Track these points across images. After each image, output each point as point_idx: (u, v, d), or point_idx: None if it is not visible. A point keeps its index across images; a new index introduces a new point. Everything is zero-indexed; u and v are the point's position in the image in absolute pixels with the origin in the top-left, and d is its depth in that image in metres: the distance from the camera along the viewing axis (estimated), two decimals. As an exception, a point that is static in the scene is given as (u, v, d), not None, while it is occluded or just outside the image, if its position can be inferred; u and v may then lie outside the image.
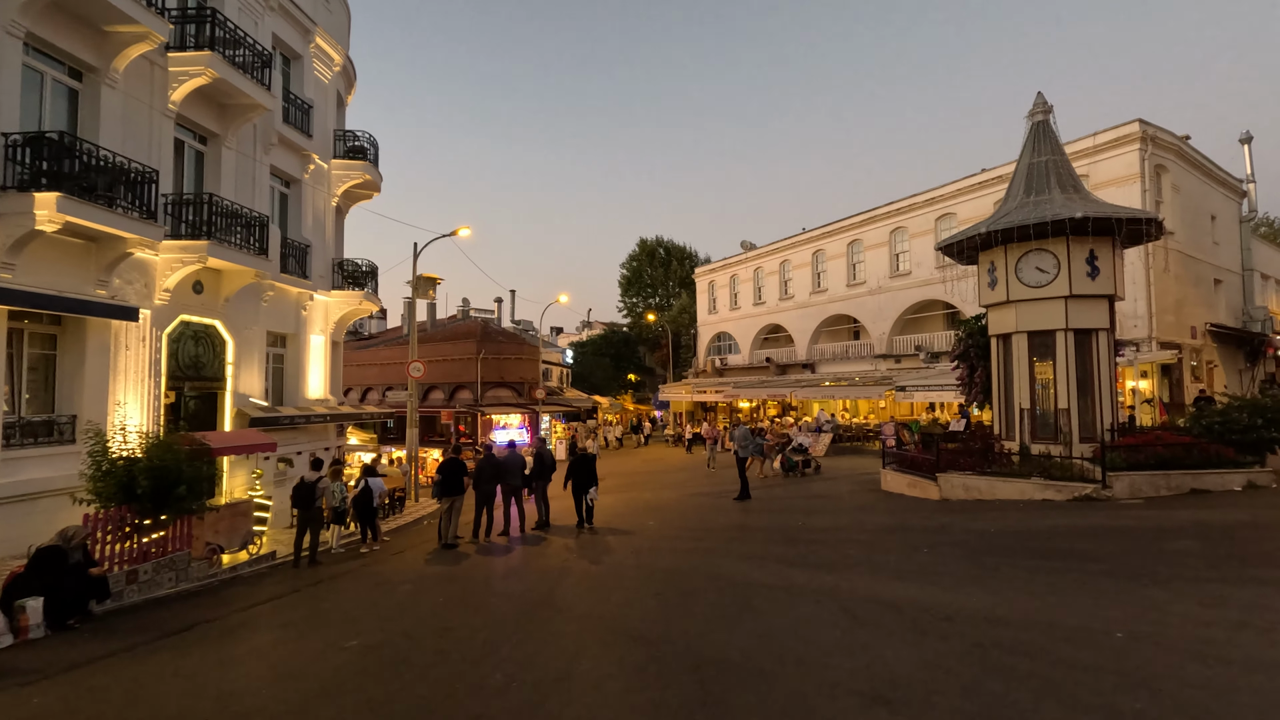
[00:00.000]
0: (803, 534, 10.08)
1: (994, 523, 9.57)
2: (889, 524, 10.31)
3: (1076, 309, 12.55)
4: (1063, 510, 9.99)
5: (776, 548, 9.14)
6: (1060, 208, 12.43)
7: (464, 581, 8.75)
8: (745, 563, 8.34)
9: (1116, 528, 8.47)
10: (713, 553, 9.17)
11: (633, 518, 13.86)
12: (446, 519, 12.09)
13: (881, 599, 6.17)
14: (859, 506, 12.51)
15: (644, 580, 7.84)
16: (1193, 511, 9.01)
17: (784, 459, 19.41)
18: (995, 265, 13.54)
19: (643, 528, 12.26)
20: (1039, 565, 6.99)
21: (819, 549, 8.79)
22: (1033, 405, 12.90)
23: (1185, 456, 10.65)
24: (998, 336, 13.77)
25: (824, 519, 11.35)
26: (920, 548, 8.37)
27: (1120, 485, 10.49)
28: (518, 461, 13.16)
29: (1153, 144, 21.15)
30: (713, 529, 11.31)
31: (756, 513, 12.74)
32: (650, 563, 8.82)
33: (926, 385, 23.15)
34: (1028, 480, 11.46)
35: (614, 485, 21.04)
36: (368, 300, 18.07)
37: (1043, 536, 8.39)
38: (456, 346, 37.18)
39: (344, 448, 19.51)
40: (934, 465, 12.73)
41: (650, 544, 10.33)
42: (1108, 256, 12.68)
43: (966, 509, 11.03)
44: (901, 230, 29.38)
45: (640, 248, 62.90)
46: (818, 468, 19.65)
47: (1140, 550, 7.28)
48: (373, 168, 18.43)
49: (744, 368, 38.83)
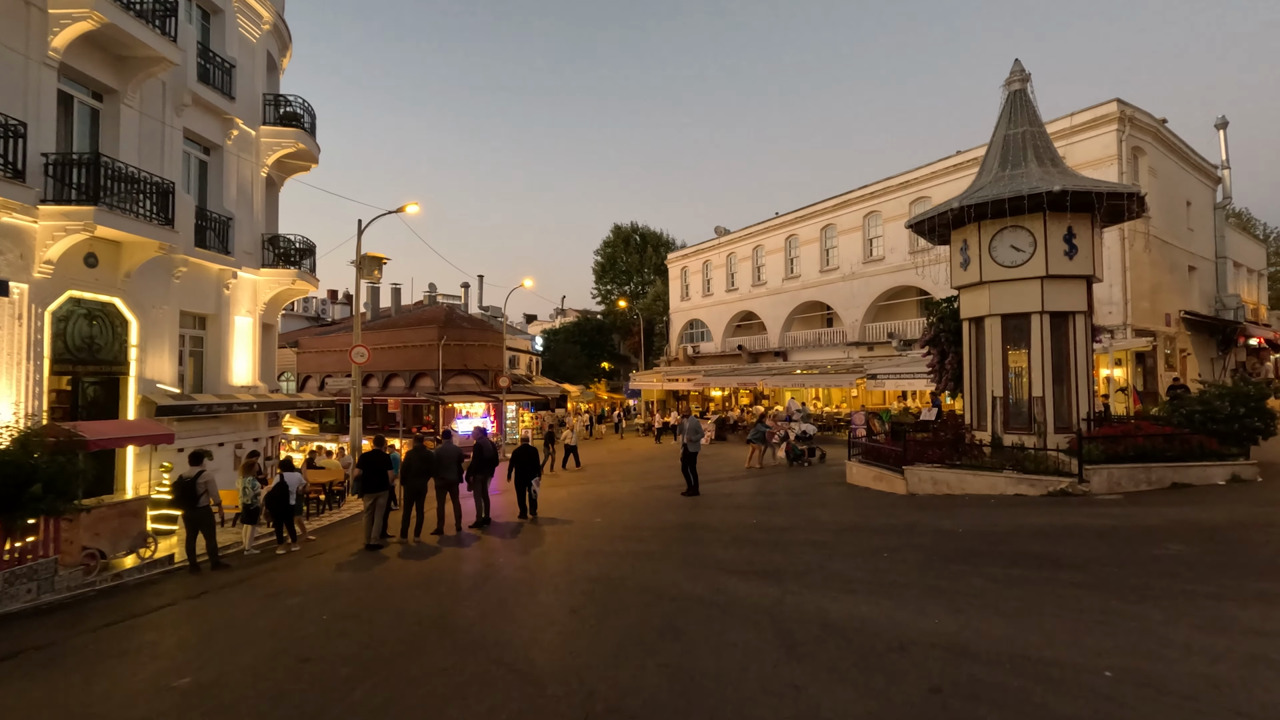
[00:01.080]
0: (755, 534, 9.14)
1: (963, 521, 8.70)
2: (850, 522, 9.41)
3: (1053, 290, 11.73)
4: (1037, 507, 9.17)
5: (723, 550, 8.17)
6: (1038, 181, 11.56)
7: (364, 593, 7.65)
8: (684, 570, 7.36)
9: (1097, 528, 7.64)
10: (652, 557, 8.18)
11: (581, 513, 12.87)
12: (369, 517, 10.96)
13: (829, 619, 5.21)
14: (820, 502, 11.62)
15: (566, 592, 6.81)
16: (1178, 509, 8.22)
17: (789, 448, 18.47)
18: (968, 244, 12.67)
19: (588, 525, 11.26)
20: (1012, 575, 6.10)
21: (769, 552, 7.84)
22: (1006, 393, 12.09)
23: (1166, 448, 9.89)
24: (970, 320, 12.93)
25: (781, 516, 10.42)
26: (880, 551, 7.46)
27: (1098, 479, 9.70)
28: (453, 454, 12.04)
29: (1131, 125, 20.48)
30: (661, 527, 10.33)
31: (711, 509, 11.79)
32: (581, 569, 7.80)
33: (898, 373, 22.41)
34: (1000, 474, 10.64)
35: (573, 477, 20.03)
36: (302, 280, 16.71)
37: (1016, 538, 7.52)
38: (418, 332, 35.74)
39: (280, 438, 18.20)
40: (901, 457, 11.87)
41: (589, 545, 9.32)
42: (1086, 235, 11.87)
43: (934, 505, 10.19)
44: (875, 215, 28.59)
45: (615, 234, 61.56)
46: (823, 456, 18.73)
47: (1125, 556, 6.42)
48: (307, 136, 17.01)
49: (716, 355, 37.96)
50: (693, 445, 13.84)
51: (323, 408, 22.65)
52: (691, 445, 13.83)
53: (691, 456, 13.78)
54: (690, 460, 13.77)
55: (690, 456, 13.78)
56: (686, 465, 13.71)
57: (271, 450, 17.07)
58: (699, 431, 14.09)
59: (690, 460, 13.77)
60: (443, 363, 34.51)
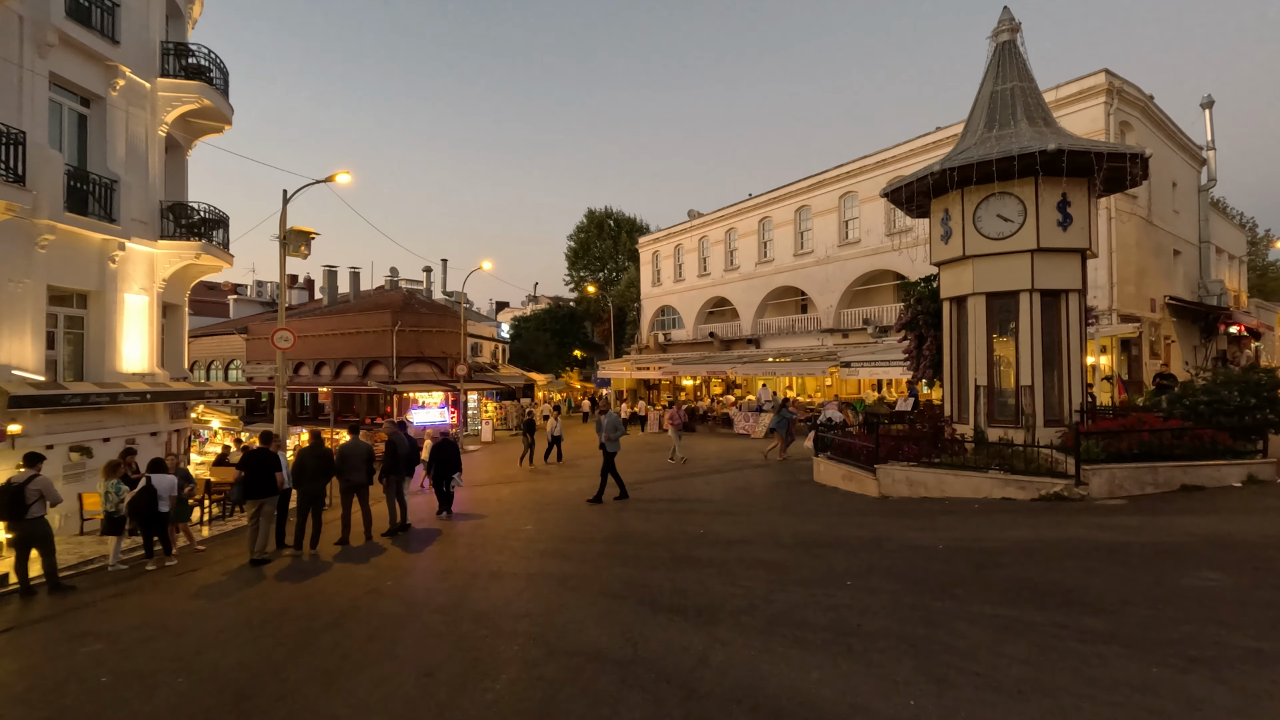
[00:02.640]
0: (698, 549, 7.65)
1: (944, 533, 7.29)
2: (812, 534, 7.96)
3: (1045, 265, 10.37)
4: (1029, 515, 7.80)
5: (654, 573, 6.66)
6: (1030, 141, 10.16)
7: (192, 636, 6.01)
8: (598, 604, 5.84)
9: (1105, 545, 6.25)
10: (566, 583, 6.64)
11: (515, 517, 11.32)
12: (253, 528, 9.29)
13: (762, 697, 3.73)
14: (781, 506, 10.18)
15: (436, 640, 5.26)
16: (1198, 520, 6.89)
17: (817, 437, 16.80)
18: (950, 214, 11.26)
19: (513, 534, 9.71)
20: (1009, 618, 4.67)
21: (709, 577, 6.35)
22: (990, 382, 10.74)
23: (1175, 444, 8.57)
24: (951, 300, 11.55)
25: (735, 525, 8.95)
26: (844, 577, 6.00)
27: (1098, 481, 8.37)
28: (361, 451, 10.37)
29: (1119, 98, 19.26)
30: (594, 539, 8.80)
31: (659, 514, 10.29)
32: (473, 601, 6.25)
33: (873, 361, 21.11)
34: (984, 474, 9.28)
35: (521, 473, 18.45)
36: (211, 254, 14.80)
37: (1009, 559, 6.11)
38: (371, 318, 33.72)
39: (190, 431, 16.32)
40: (873, 454, 10.46)
41: (501, 563, 7.77)
42: (1082, 203, 10.51)
43: (910, 511, 8.79)
44: (851, 195, 27.21)
45: (588, 219, 59.67)
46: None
47: (1150, 589, 5.02)
48: (215, 92, 15.03)
49: (688, 343, 36.50)
50: (611, 445, 11.75)
51: (232, 396, 20.66)
52: (610, 445, 11.75)
53: (610, 458, 11.73)
54: (609, 463, 11.72)
55: (609, 458, 11.74)
56: (606, 468, 11.69)
57: (177, 446, 15.22)
58: (619, 429, 12.00)
59: (609, 463, 11.72)
60: (397, 350, 32.58)
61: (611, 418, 11.94)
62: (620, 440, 11.97)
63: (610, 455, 11.74)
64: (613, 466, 11.73)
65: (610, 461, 11.73)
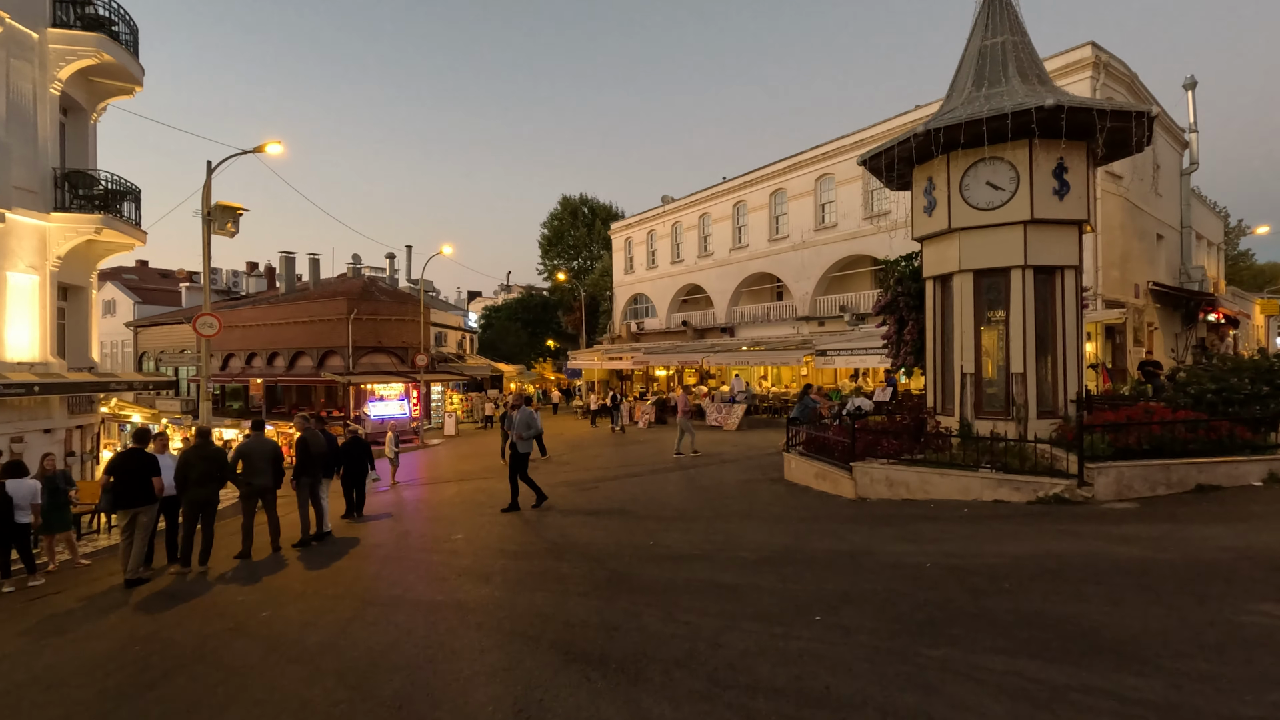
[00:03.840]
0: (643, 566, 6.43)
1: (930, 547, 6.17)
2: (777, 547, 6.78)
3: (1039, 239, 9.29)
4: (1028, 523, 6.71)
5: (583, 603, 5.43)
6: (1023, 99, 9.04)
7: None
8: (501, 649, 4.60)
9: (1126, 563, 5.16)
10: (473, 615, 5.38)
11: (447, 524, 10.05)
12: (126, 542, 7.88)
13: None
14: (746, 510, 9.01)
15: (275, 709, 3.98)
16: (1225, 528, 5.84)
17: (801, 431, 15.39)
18: (934, 182, 10.13)
19: (439, 545, 8.43)
20: (1025, 674, 3.52)
21: (647, 608, 5.13)
22: (978, 369, 9.67)
23: (1189, 439, 7.54)
24: (935, 279, 10.45)
25: (688, 534, 7.75)
26: (811, 608, 4.82)
27: (1104, 481, 7.30)
28: (265, 450, 8.98)
29: (1105, 72, 18.37)
30: (524, 553, 7.55)
31: (608, 518, 9.08)
32: (349, 645, 4.97)
33: (849, 349, 20.10)
34: (973, 473, 8.19)
35: (477, 469, 17.13)
36: (115, 229, 13.17)
37: (1012, 582, 4.98)
38: (326, 306, 31.92)
39: (96, 426, 14.69)
40: (849, 451, 9.33)
41: (408, 585, 6.50)
42: (1080, 170, 9.44)
43: (890, 517, 7.67)
44: (828, 178, 26.15)
45: (562, 206, 58.09)
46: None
47: (1197, 630, 3.91)
48: (118, 47, 13.34)
49: (661, 332, 35.30)
50: (523, 445, 10.17)
51: (165, 388, 18.93)
52: (521, 445, 10.17)
53: (521, 459, 10.15)
54: (520, 465, 10.14)
55: (520, 459, 10.14)
56: (515, 470, 10.13)
57: (81, 444, 13.63)
58: (532, 426, 10.33)
59: (520, 465, 10.14)
60: (354, 339, 30.89)
61: (524, 414, 10.37)
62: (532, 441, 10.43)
63: (521, 457, 10.14)
64: (524, 469, 10.20)
65: (522, 464, 10.16)
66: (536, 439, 17.07)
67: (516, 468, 10.14)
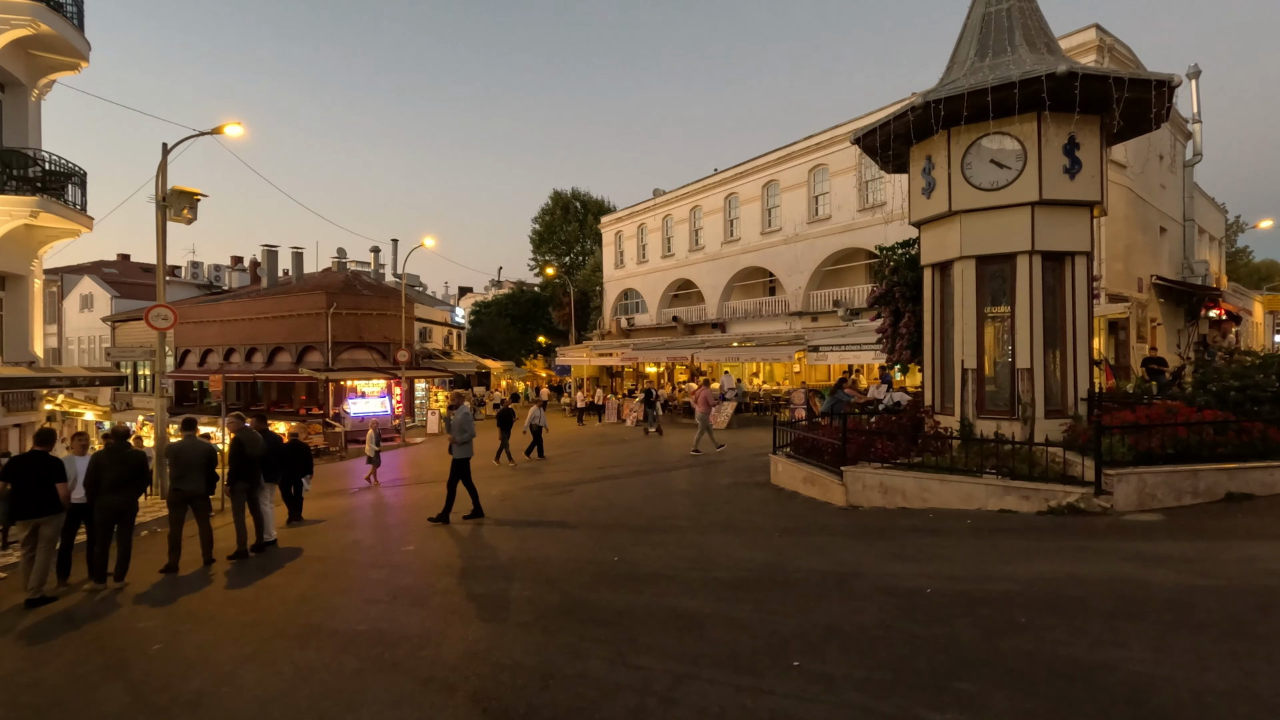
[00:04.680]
0: (601, 590, 5.60)
1: (931, 567, 5.36)
2: (755, 566, 5.95)
3: (1047, 221, 8.49)
4: (1041, 538, 5.90)
5: (523, 639, 4.59)
6: (1033, 67, 8.22)
7: None
8: (413, 700, 3.77)
9: (1164, 594, 4.35)
10: (391, 651, 4.54)
11: (402, 532, 9.25)
12: (27, 557, 7.00)
13: None
14: (724, 521, 8.17)
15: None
16: (1269, 545, 5.08)
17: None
18: (933, 161, 9.31)
19: (385, 558, 7.60)
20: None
21: (596, 647, 4.30)
22: (980, 364, 8.86)
23: (1218, 442, 6.74)
24: (933, 266, 9.64)
25: (659, 548, 6.91)
26: (790, 650, 4.00)
27: (1124, 489, 6.50)
28: (196, 453, 8.10)
29: (1110, 57, 17.61)
30: (472, 570, 6.72)
31: (573, 529, 8.24)
32: (229, 698, 4.13)
33: (842, 345, 19.31)
34: (977, 479, 7.38)
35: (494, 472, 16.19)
36: (54, 213, 12.24)
37: (1031, 619, 4.16)
38: (305, 300, 30.96)
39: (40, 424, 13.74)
40: (840, 453, 8.51)
41: (331, 610, 5.66)
42: (1094, 146, 8.63)
43: (885, 528, 6.85)
44: (822, 168, 25.33)
45: (554, 200, 57.11)
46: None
47: (1269, 684, 3.09)
48: (57, 18, 12.38)
49: (651, 328, 34.47)
50: (460, 449, 9.14)
51: (113, 384, 17.98)
52: (458, 450, 9.16)
53: (462, 465, 9.15)
54: (461, 471, 9.16)
55: (460, 465, 9.15)
56: (456, 476, 9.18)
57: (15, 444, 12.71)
58: (468, 429, 9.29)
59: (461, 471, 9.16)
60: (334, 334, 29.94)
61: (462, 414, 9.45)
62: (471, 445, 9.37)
63: (461, 462, 9.19)
64: (466, 475, 9.24)
65: (463, 469, 9.20)
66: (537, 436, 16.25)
67: (455, 474, 9.20)
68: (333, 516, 11.31)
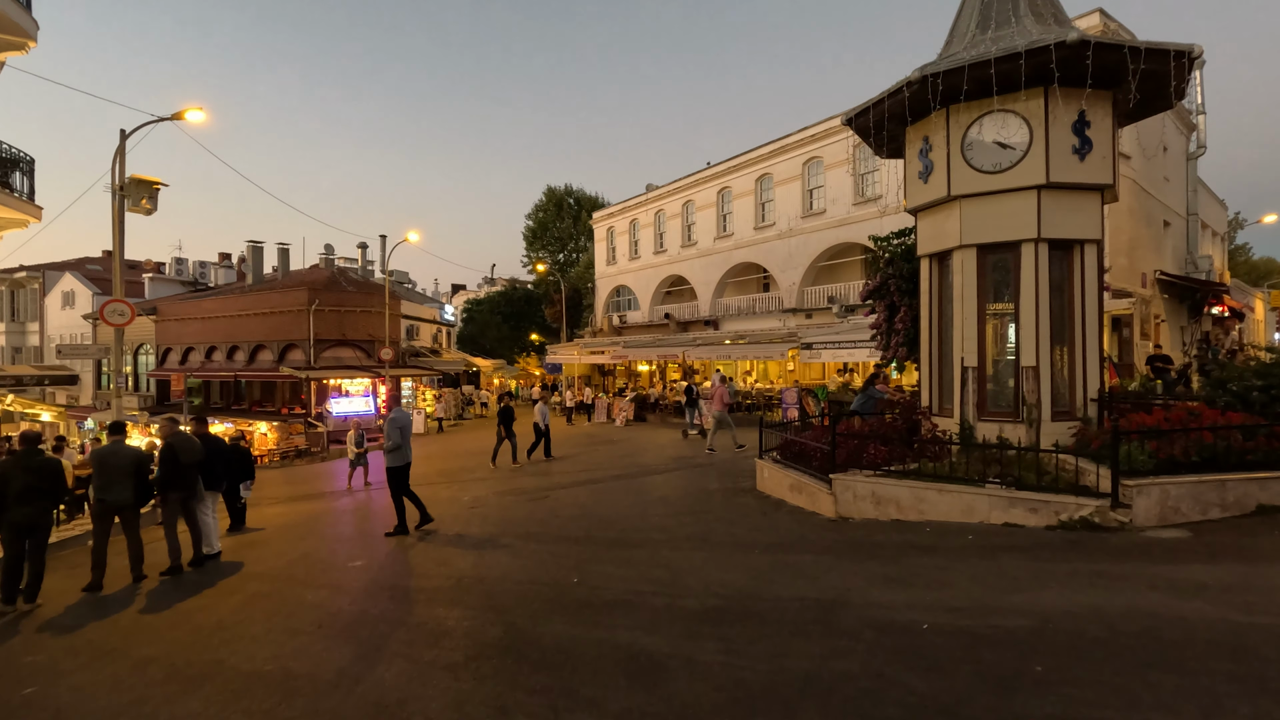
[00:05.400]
0: (550, 622, 4.89)
1: (929, 595, 4.66)
2: (729, 592, 5.24)
3: (1054, 206, 7.80)
4: (1054, 558, 5.21)
5: (444, 685, 3.89)
6: (1040, 37, 7.53)
7: None
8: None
9: (1203, 629, 3.66)
10: (290, 701, 3.84)
11: (353, 544, 8.53)
12: (-78, 577, 6.27)
13: None
14: (701, 532, 7.46)
15: None
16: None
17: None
18: (931, 142, 8.61)
19: (324, 575, 6.90)
20: None
21: (531, 694, 3.61)
22: (981, 362, 8.16)
23: (1247, 448, 6.06)
24: (931, 257, 8.94)
25: (624, 566, 6.21)
26: (759, 704, 3.31)
27: (1145, 502, 5.81)
28: (124, 459, 7.38)
29: (1114, 42, 16.87)
30: (414, 592, 6.01)
31: (534, 542, 7.53)
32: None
33: (837, 342, 18.61)
34: (979, 489, 6.68)
35: (433, 471, 15.51)
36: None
37: (1045, 664, 3.47)
38: (287, 297, 30.16)
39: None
40: (829, 459, 7.81)
41: (246, 642, 4.95)
42: (1105, 125, 7.96)
43: (877, 546, 6.15)
44: (816, 161, 24.63)
45: (547, 197, 56.28)
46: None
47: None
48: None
49: (643, 325, 33.77)
50: (395, 456, 8.43)
51: (61, 384, 17.21)
52: (389, 458, 8.45)
53: (400, 473, 8.43)
54: (396, 479, 8.42)
55: (398, 473, 8.42)
56: (397, 488, 8.45)
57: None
58: (394, 436, 8.50)
59: (396, 479, 8.42)
60: (316, 332, 29.16)
61: (400, 415, 8.77)
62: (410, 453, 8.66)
63: (398, 470, 8.46)
64: (403, 484, 8.50)
65: (398, 477, 8.46)
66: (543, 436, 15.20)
67: (397, 485, 8.46)
68: (294, 524, 10.62)
